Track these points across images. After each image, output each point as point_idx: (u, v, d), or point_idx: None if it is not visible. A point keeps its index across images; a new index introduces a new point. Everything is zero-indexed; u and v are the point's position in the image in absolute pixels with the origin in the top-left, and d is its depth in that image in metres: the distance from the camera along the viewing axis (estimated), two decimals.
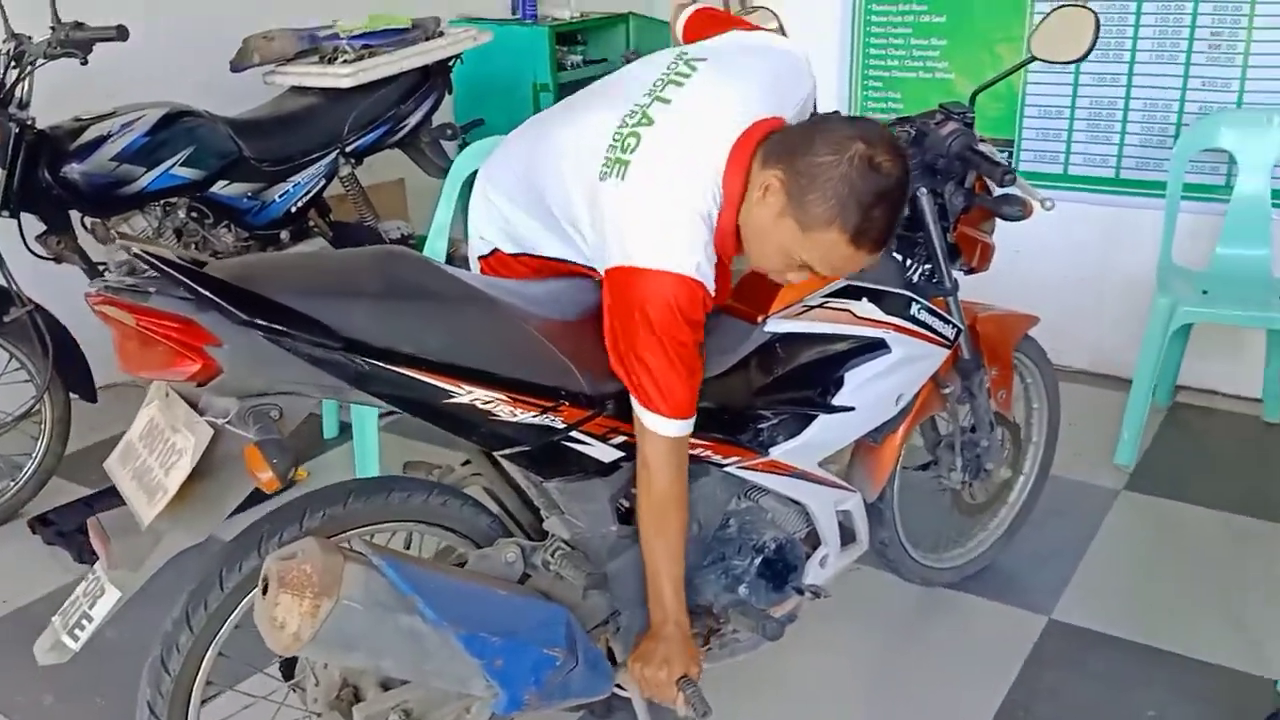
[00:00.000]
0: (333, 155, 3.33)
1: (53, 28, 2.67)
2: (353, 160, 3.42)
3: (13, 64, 2.66)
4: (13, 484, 2.77)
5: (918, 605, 2.40)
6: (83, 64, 2.67)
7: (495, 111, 3.95)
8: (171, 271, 1.34)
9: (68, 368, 2.75)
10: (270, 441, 1.36)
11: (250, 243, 3.24)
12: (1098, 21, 1.87)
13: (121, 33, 2.66)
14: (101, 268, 2.94)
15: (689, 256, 1.54)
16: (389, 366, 1.45)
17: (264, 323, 1.36)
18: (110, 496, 2.75)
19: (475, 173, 2.53)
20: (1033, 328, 2.30)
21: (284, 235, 3.29)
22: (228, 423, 1.39)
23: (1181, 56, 3.16)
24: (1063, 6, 1.95)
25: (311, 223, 3.41)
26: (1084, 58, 1.91)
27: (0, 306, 2.64)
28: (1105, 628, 2.29)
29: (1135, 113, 3.28)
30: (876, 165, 1.49)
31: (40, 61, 2.67)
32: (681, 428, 1.62)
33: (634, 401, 1.61)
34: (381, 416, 2.76)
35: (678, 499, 1.65)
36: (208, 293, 1.33)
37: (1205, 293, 2.92)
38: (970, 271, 2.10)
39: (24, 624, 2.39)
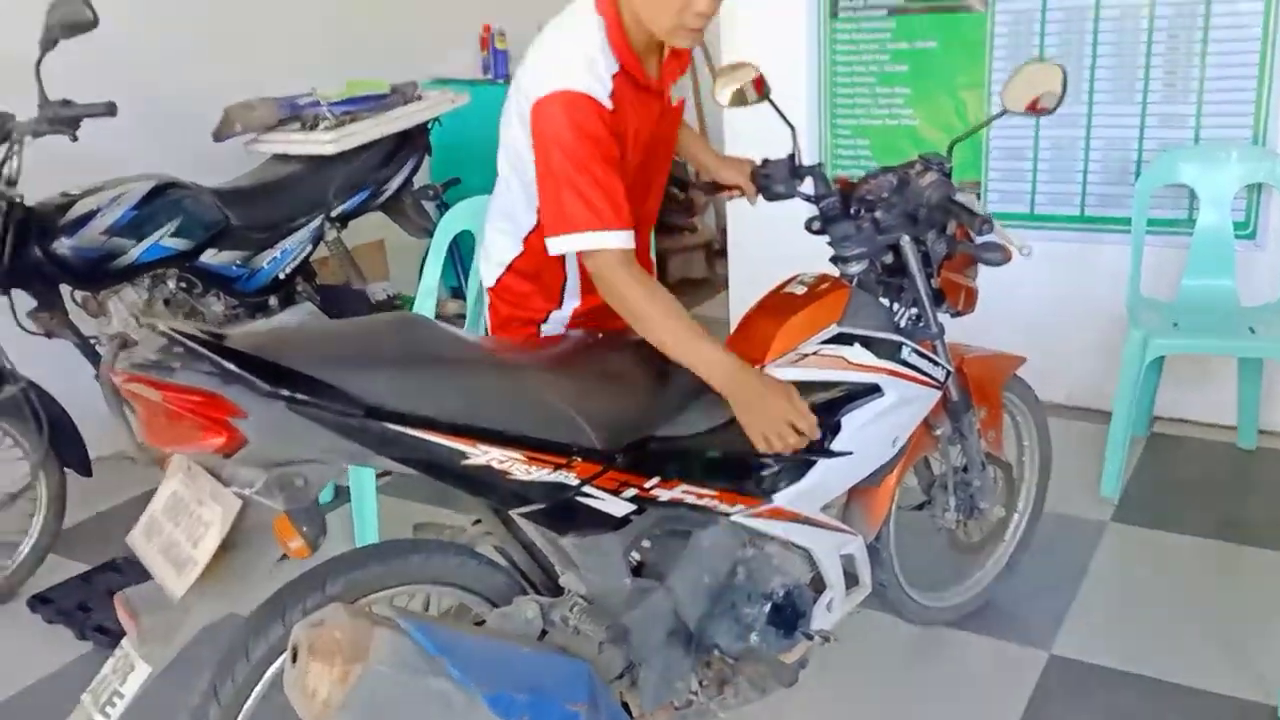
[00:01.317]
0: (318, 220, 3.37)
1: (41, 105, 2.69)
2: (338, 224, 3.47)
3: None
4: (9, 563, 2.75)
5: (919, 645, 2.44)
6: (72, 140, 2.70)
7: (472, 170, 4.00)
8: (196, 346, 1.37)
9: (62, 443, 2.75)
10: (299, 510, 1.39)
11: (239, 310, 3.26)
12: (1065, 75, 1.96)
13: (110, 109, 2.69)
14: (93, 340, 2.95)
15: (574, 75, 1.71)
16: (410, 431, 1.48)
17: (288, 393, 1.39)
18: (109, 571, 2.79)
19: (462, 233, 2.61)
20: (1018, 368, 2.37)
21: (272, 301, 3.32)
22: (255, 493, 1.41)
23: (1138, 96, 3.29)
24: (1031, 62, 2.04)
25: (299, 287, 3.44)
26: (1054, 110, 2.00)
27: None
28: (1106, 661, 2.33)
29: (1096, 151, 3.40)
30: None
31: (28, 139, 2.69)
32: (622, 238, 1.73)
33: (577, 237, 1.73)
34: (378, 477, 2.78)
35: (653, 295, 1.75)
36: (232, 365, 1.37)
37: (1176, 324, 3.01)
38: (956, 315, 2.17)
39: (30, 704, 2.38)
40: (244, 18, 3.96)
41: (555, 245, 1.77)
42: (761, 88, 2.09)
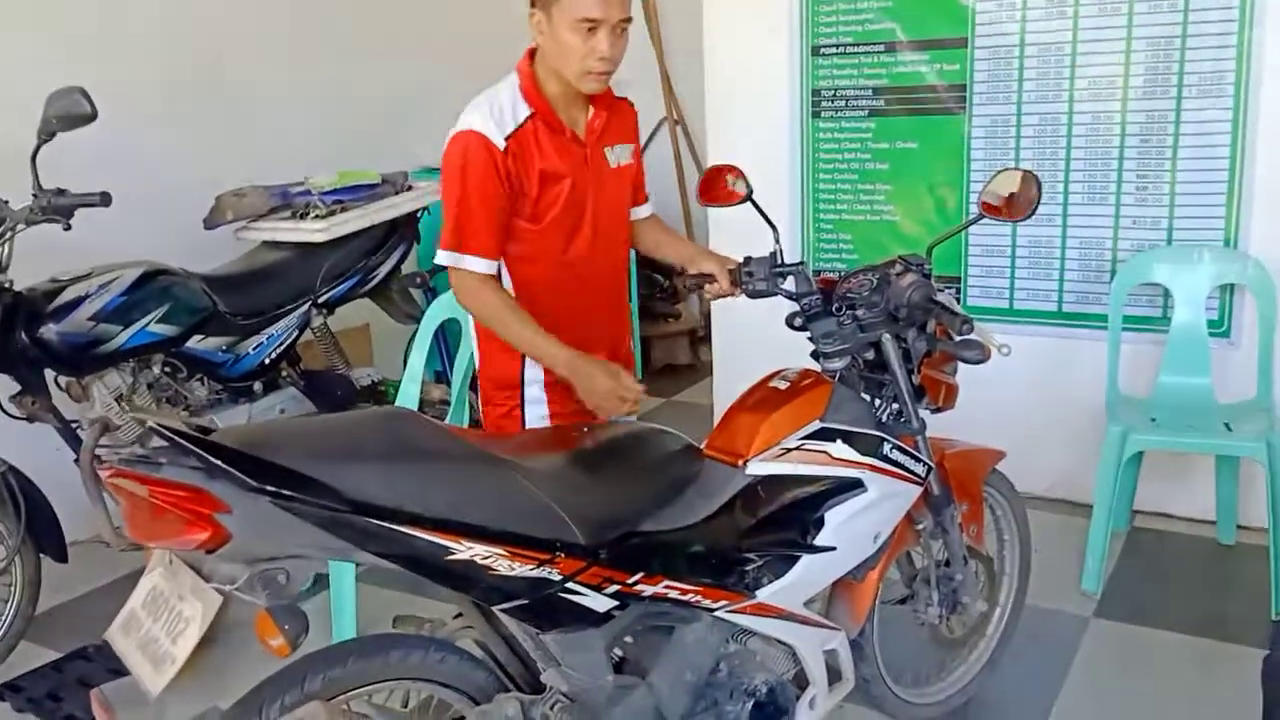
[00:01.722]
0: (305, 307, 3.40)
1: (35, 194, 2.73)
2: (325, 310, 3.49)
3: None
4: None
5: None
6: (66, 229, 2.72)
7: None
8: (182, 441, 1.37)
9: (39, 528, 2.73)
10: (280, 607, 1.39)
11: (223, 395, 3.27)
12: (1039, 183, 2.03)
13: (105, 199, 2.72)
14: (74, 425, 2.94)
15: (475, 119, 2.04)
16: (395, 527, 1.48)
17: (273, 488, 1.39)
18: (79, 659, 2.74)
19: (448, 320, 2.64)
20: (999, 462, 2.40)
21: (257, 386, 3.33)
22: (236, 589, 1.40)
23: (1111, 198, 3.38)
24: (1006, 170, 2.10)
25: (284, 372, 3.45)
26: (1028, 217, 2.06)
27: None
28: None
29: (1073, 250, 3.48)
30: None
31: (21, 227, 2.72)
32: (476, 263, 2.07)
33: (442, 253, 2.09)
34: (357, 565, 2.76)
35: (502, 308, 2.09)
36: (217, 461, 1.37)
37: (1154, 420, 3.05)
38: (936, 410, 2.20)
39: None
40: (238, 108, 4.04)
41: (437, 257, 2.13)
42: (744, 188, 2.15)
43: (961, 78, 3.50)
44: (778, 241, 2.14)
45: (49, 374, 2.91)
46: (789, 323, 2.10)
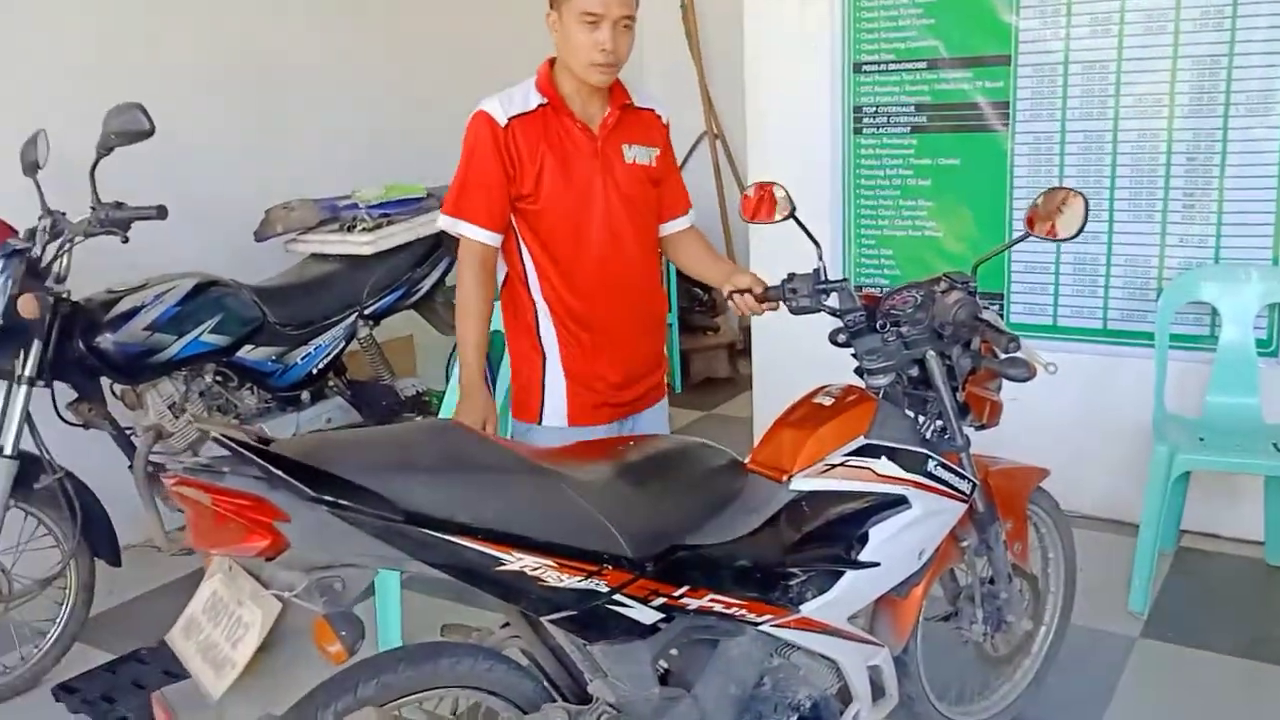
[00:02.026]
0: (352, 318, 3.45)
1: (93, 207, 2.79)
2: (371, 322, 3.54)
3: (49, 239, 2.77)
4: (36, 650, 2.77)
5: None
6: (123, 241, 2.78)
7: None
8: (244, 451, 1.41)
9: (94, 532, 2.79)
10: (337, 614, 1.41)
11: (272, 404, 3.32)
12: (1086, 203, 2.02)
13: (161, 212, 2.78)
14: (129, 431, 3.01)
15: (488, 103, 2.28)
16: (446, 537, 1.50)
17: (331, 498, 1.43)
18: (133, 662, 2.79)
19: (492, 333, 2.67)
20: (1043, 480, 2.39)
21: (304, 396, 3.38)
22: (295, 596, 1.43)
23: (1158, 216, 3.36)
24: (1053, 189, 2.10)
25: (330, 382, 3.51)
26: (1074, 237, 2.05)
27: (31, 474, 2.69)
28: None
29: (1118, 267, 3.46)
30: None
31: (80, 239, 2.78)
32: (471, 230, 2.30)
33: (442, 216, 2.36)
34: (403, 572, 2.80)
35: (470, 294, 2.32)
36: (278, 471, 1.41)
37: (1201, 440, 3.03)
38: (981, 427, 2.19)
39: None
40: (288, 123, 4.12)
41: (438, 221, 2.40)
42: (786, 205, 2.17)
43: (1005, 94, 3.50)
44: (821, 258, 2.15)
45: (105, 382, 2.98)
46: (832, 339, 2.11)
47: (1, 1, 3.24)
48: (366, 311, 3.50)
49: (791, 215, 2.18)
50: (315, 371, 3.37)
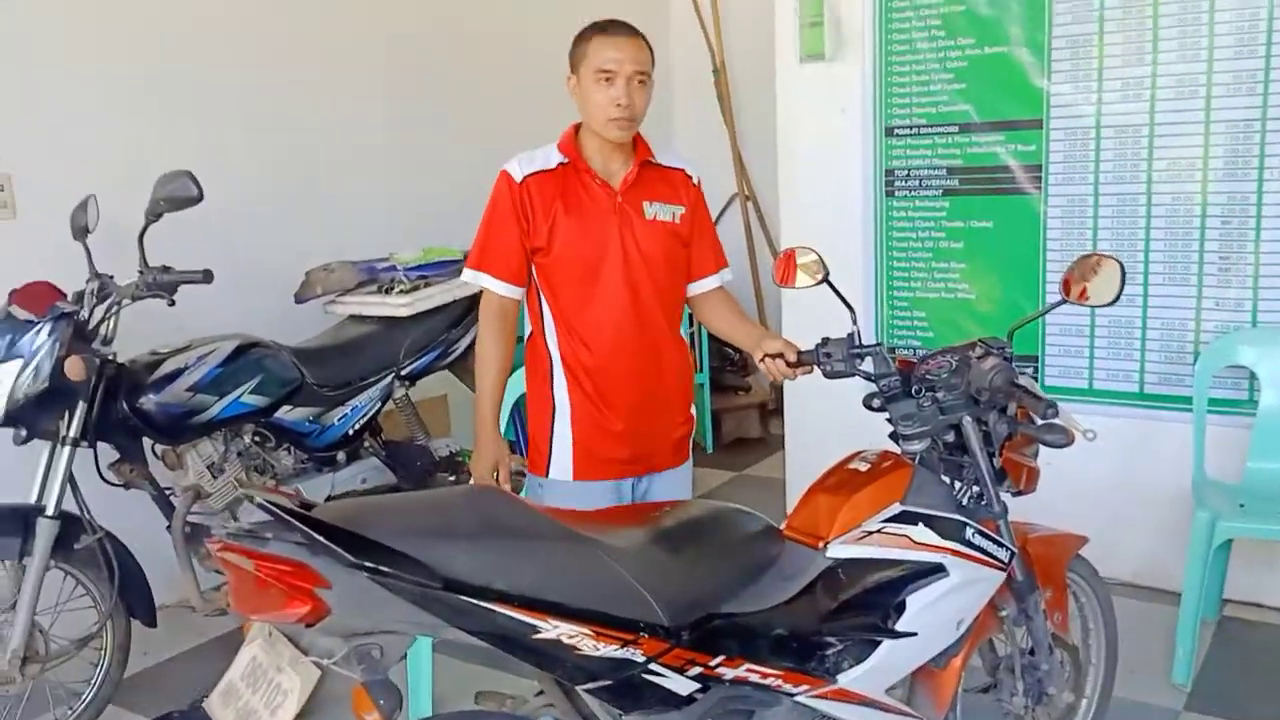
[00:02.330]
0: (388, 379, 3.49)
1: (141, 271, 2.86)
2: (407, 382, 3.58)
3: (97, 302, 2.84)
4: (70, 713, 2.78)
5: None
6: (170, 305, 2.84)
7: None
8: (287, 517, 1.43)
9: (131, 593, 2.80)
10: (376, 682, 1.42)
11: (308, 464, 3.35)
12: (1123, 270, 2.02)
13: (207, 276, 2.84)
14: (168, 491, 3.04)
15: (510, 163, 2.40)
16: (484, 604, 1.51)
17: (371, 564, 1.44)
18: None
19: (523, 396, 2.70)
20: (1081, 547, 2.36)
21: (340, 456, 3.41)
22: (334, 663, 1.44)
23: (1193, 279, 3.35)
24: (1089, 255, 2.11)
25: (366, 443, 3.54)
26: (1112, 303, 2.05)
27: (71, 534, 2.72)
28: None
29: (1154, 330, 3.44)
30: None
31: (127, 302, 2.85)
32: (488, 281, 2.42)
33: (465, 270, 2.48)
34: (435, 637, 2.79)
35: (488, 347, 2.46)
36: (320, 537, 1.42)
37: (1242, 506, 2.98)
38: (1018, 494, 2.18)
39: None
40: (328, 187, 4.21)
41: (462, 274, 2.52)
42: (820, 270, 2.18)
43: (1037, 158, 3.52)
44: (855, 322, 2.15)
45: (146, 442, 3.02)
46: (867, 404, 2.11)
47: (58, 73, 3.35)
48: (403, 372, 3.53)
49: (825, 280, 2.20)
50: (351, 432, 3.40)
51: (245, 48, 3.89)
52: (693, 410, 2.61)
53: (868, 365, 2.12)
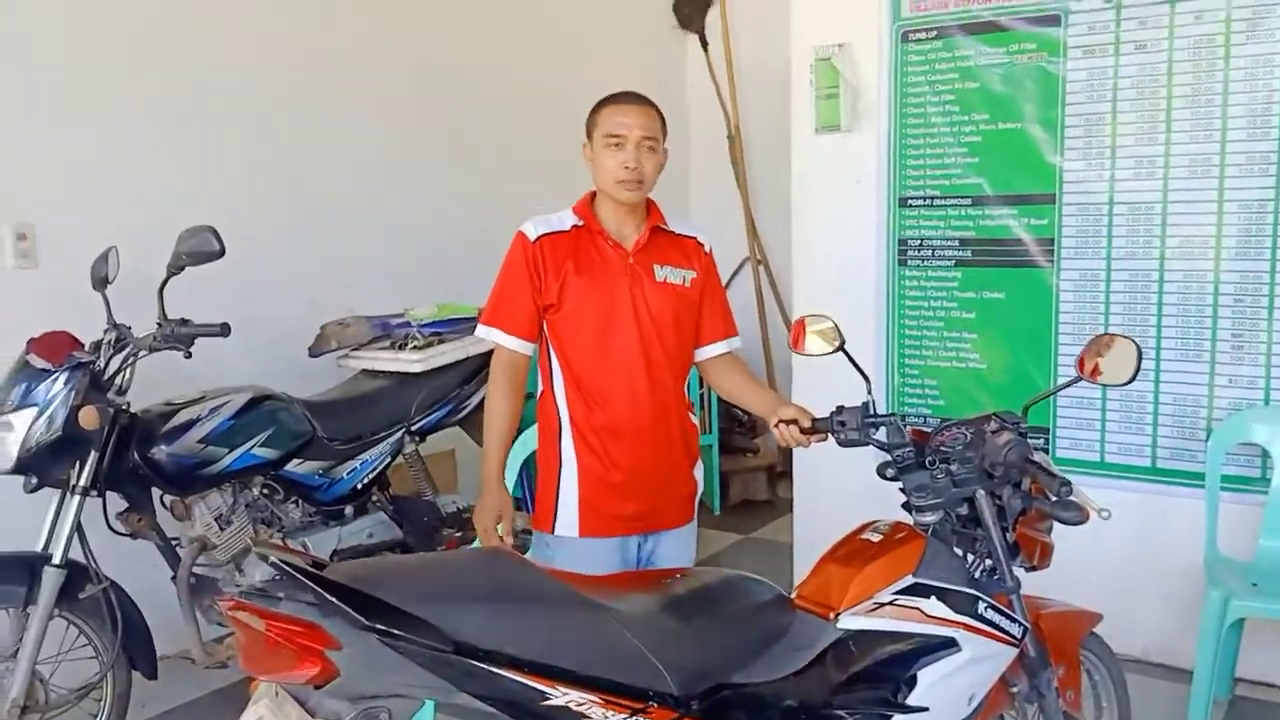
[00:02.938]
0: (399, 434, 3.49)
1: (159, 323, 2.87)
2: (417, 438, 3.58)
3: (114, 352, 2.85)
4: None
5: None
6: (186, 357, 2.86)
7: None
8: (300, 576, 1.43)
9: (134, 644, 2.79)
10: None
11: (315, 517, 3.34)
12: (1139, 351, 2.03)
13: (225, 330, 2.85)
14: (174, 542, 3.03)
15: (526, 224, 2.47)
16: (494, 669, 1.50)
17: (383, 627, 1.43)
18: None
19: (533, 454, 2.71)
20: (1096, 625, 2.33)
21: (348, 510, 3.40)
22: None
23: (1206, 355, 3.35)
24: (1104, 335, 2.12)
25: (374, 497, 3.53)
26: (1128, 383, 2.06)
27: (76, 583, 2.71)
28: None
29: (1166, 406, 3.43)
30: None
31: (144, 353, 2.86)
32: (500, 336, 2.47)
33: (479, 325, 2.53)
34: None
35: (496, 400, 2.49)
36: (332, 598, 1.42)
37: (1255, 585, 2.95)
38: (1031, 569, 2.16)
39: None
40: (344, 243, 4.25)
41: (476, 330, 2.58)
42: (836, 338, 2.19)
43: (1050, 232, 3.55)
44: (870, 392, 2.16)
45: (155, 492, 3.02)
46: (880, 473, 2.11)
47: (81, 125, 3.41)
48: (414, 428, 3.54)
49: (840, 348, 2.21)
50: (360, 486, 3.40)
51: (266, 104, 3.95)
52: (697, 472, 2.61)
53: (882, 435, 2.12)
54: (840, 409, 2.18)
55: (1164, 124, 3.34)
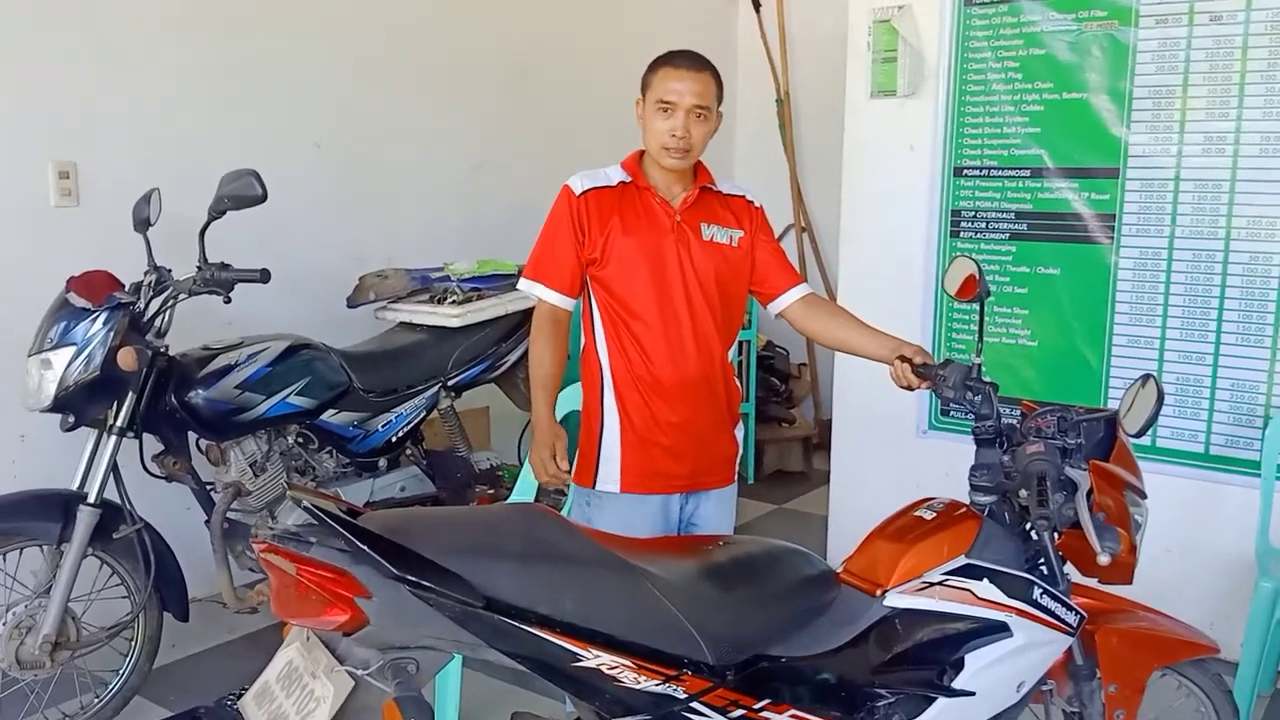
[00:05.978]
0: (435, 388, 3.46)
1: (200, 267, 2.84)
2: (453, 393, 3.55)
3: (154, 295, 2.83)
4: (96, 701, 2.76)
5: None
6: (225, 302, 2.83)
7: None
8: (332, 523, 1.39)
9: (166, 586, 2.79)
10: (408, 699, 1.38)
11: (349, 468, 3.32)
12: (1160, 395, 1.95)
13: (265, 276, 2.81)
14: (209, 486, 3.03)
15: (573, 178, 2.43)
16: (525, 627, 1.46)
17: (413, 578, 1.39)
18: None
19: (571, 412, 2.66)
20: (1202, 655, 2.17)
21: (381, 462, 3.38)
22: (368, 675, 1.40)
23: (1268, 341, 3.23)
24: (1135, 382, 2.04)
25: (408, 450, 3.50)
26: (1141, 434, 1.98)
27: (111, 523, 2.70)
28: None
29: (1223, 391, 3.32)
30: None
31: (184, 297, 2.83)
32: (543, 291, 2.43)
33: (521, 280, 2.50)
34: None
35: (541, 350, 2.42)
36: (364, 546, 1.38)
37: None
38: (1105, 581, 2.03)
39: None
40: (387, 194, 4.21)
41: (518, 284, 2.55)
42: (982, 289, 2.08)
43: (1111, 207, 3.43)
44: (979, 354, 2.07)
45: (191, 437, 3.01)
46: (943, 410, 2.02)
47: (125, 64, 3.37)
48: (450, 383, 3.51)
49: (979, 300, 2.10)
50: (394, 439, 3.37)
51: (317, 53, 3.91)
52: (738, 434, 2.57)
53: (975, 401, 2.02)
54: (948, 362, 2.09)
55: (1236, 99, 3.21)
